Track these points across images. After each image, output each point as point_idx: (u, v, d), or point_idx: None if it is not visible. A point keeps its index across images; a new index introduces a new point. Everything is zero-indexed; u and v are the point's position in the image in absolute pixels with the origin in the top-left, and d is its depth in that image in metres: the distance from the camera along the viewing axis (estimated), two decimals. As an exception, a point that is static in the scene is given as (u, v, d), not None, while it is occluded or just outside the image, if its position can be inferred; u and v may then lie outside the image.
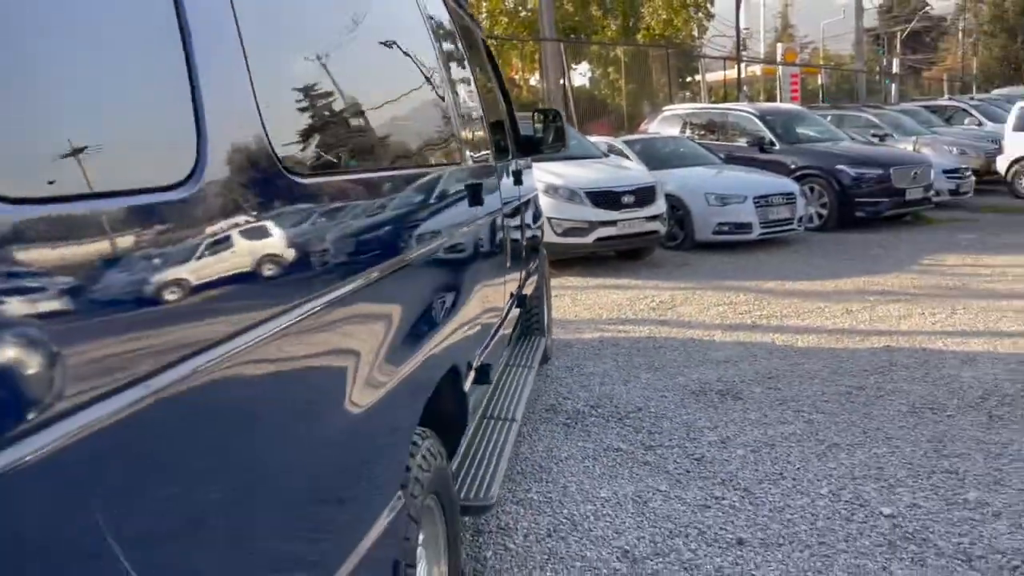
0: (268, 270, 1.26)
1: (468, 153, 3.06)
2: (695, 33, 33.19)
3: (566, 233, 8.69)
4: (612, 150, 11.04)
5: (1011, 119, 15.50)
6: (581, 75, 31.05)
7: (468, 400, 2.70)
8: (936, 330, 6.19)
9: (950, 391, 4.79)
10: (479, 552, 3.13)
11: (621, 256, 9.71)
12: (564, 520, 3.41)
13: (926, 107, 21.52)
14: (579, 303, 7.51)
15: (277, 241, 1.30)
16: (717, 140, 13.39)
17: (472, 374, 2.81)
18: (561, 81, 20.23)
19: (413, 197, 2.20)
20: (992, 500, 3.44)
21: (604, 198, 8.84)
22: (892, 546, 3.12)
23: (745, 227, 10.16)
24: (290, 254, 1.33)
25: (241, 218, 1.20)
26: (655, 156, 11.20)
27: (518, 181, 4.35)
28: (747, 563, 3.04)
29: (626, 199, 8.92)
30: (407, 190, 2.16)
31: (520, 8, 27.07)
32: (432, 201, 2.37)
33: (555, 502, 3.57)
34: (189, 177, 1.08)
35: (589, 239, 8.82)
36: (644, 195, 9.09)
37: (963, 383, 4.92)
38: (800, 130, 13.50)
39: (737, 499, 3.54)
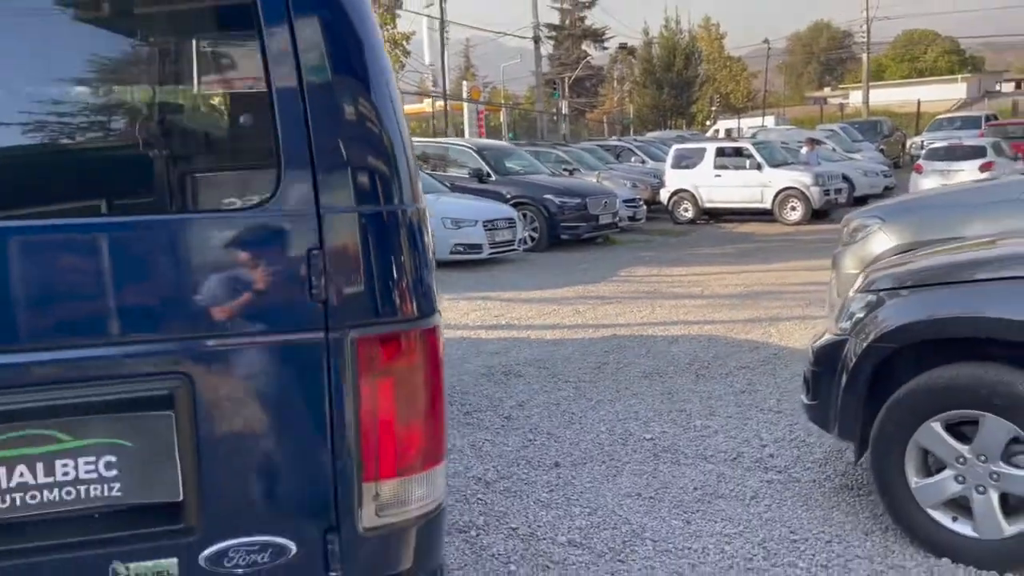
0: None
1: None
2: (394, 68, 34.97)
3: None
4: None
5: (669, 159, 18.82)
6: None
7: None
8: (645, 322, 7.95)
9: (666, 361, 6.42)
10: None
11: (373, 274, 10.62)
12: (424, 466, 4.35)
13: (600, 146, 24.96)
14: (354, 314, 8.34)
15: None
16: (436, 171, 14.78)
17: None
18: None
19: None
20: (711, 424, 4.96)
21: None
22: (656, 456, 4.48)
23: (477, 247, 11.60)
24: None
25: None
26: (392, 184, 12.24)
27: None
28: (565, 476, 4.21)
29: (381, 222, 9.90)
30: None
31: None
32: None
33: (410, 456, 4.50)
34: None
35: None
36: (396, 218, 10.12)
37: (674, 356, 6.59)
38: (509, 164, 15.39)
39: (545, 439, 4.72)
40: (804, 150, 19.18)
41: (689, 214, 18.10)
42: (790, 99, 73.60)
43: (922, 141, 26.33)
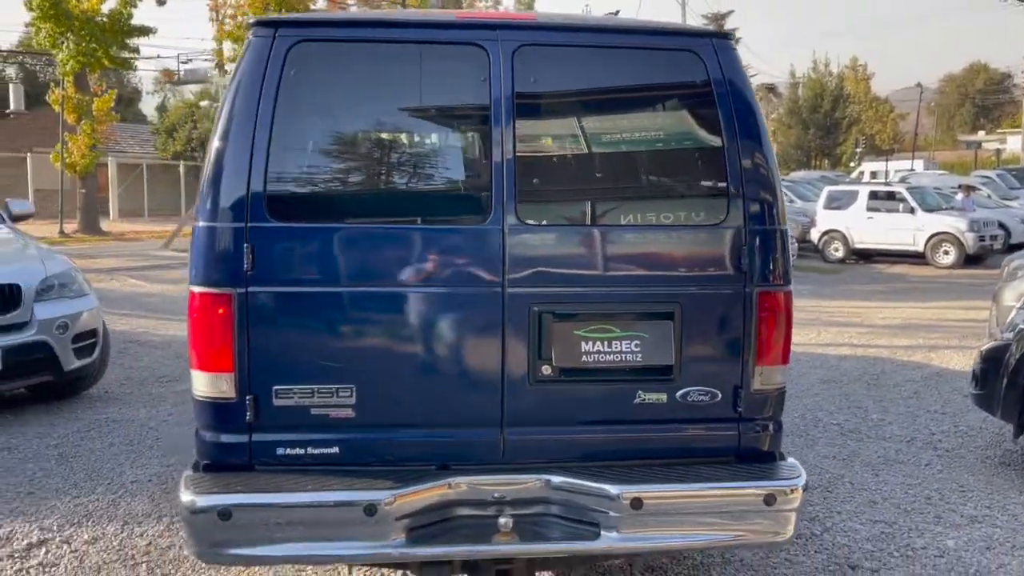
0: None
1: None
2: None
3: None
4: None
5: (821, 199, 19.61)
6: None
7: None
8: (813, 343, 9.08)
9: (839, 372, 7.59)
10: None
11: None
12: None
13: (749, 184, 25.79)
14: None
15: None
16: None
17: None
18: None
19: None
20: (885, 417, 6.14)
21: None
22: (844, 435, 5.70)
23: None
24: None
25: None
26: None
27: None
28: (774, 443, 5.51)
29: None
30: None
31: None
32: None
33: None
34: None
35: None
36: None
37: (845, 369, 7.74)
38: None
39: (751, 418, 6.03)
40: (959, 196, 19.56)
41: (839, 253, 18.84)
42: (940, 142, 71.41)
43: (1085, 191, 25.80)
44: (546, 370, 2.83)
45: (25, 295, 5.67)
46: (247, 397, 2.74)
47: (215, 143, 2.76)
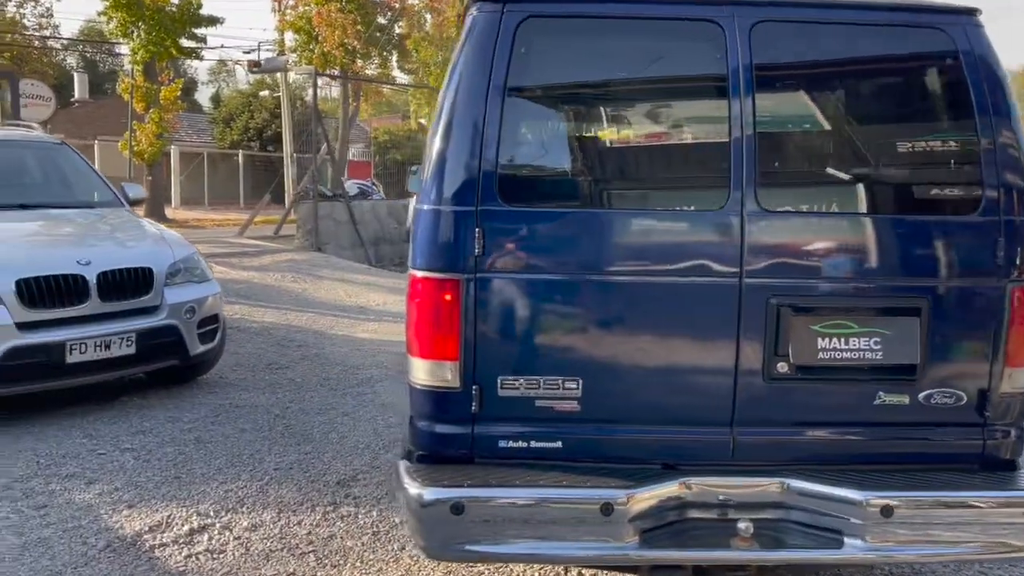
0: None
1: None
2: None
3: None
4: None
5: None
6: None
7: None
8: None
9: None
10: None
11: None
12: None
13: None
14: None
15: None
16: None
17: None
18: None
19: None
20: None
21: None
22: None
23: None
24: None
25: None
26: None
27: None
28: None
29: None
30: None
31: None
32: None
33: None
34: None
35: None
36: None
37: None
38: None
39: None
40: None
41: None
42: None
43: None
44: (782, 367, 2.67)
45: (157, 279, 5.65)
46: (473, 387, 2.63)
47: (442, 121, 2.65)
